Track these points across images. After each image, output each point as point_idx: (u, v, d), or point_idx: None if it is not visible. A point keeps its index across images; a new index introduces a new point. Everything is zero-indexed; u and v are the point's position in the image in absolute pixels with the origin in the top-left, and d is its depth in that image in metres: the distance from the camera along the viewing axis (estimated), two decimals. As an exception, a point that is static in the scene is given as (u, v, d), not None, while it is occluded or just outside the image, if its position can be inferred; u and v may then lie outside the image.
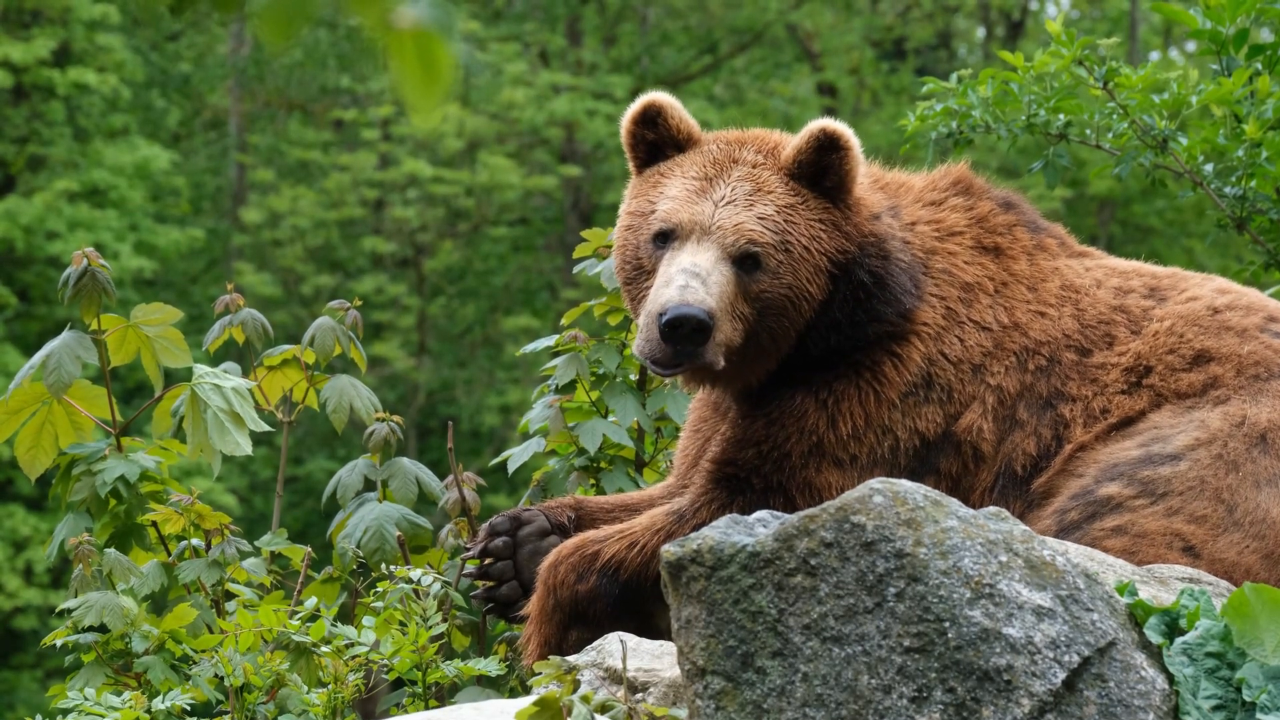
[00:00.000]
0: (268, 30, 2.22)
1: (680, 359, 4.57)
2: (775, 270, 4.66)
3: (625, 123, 4.92)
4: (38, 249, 22.25)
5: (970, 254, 4.85)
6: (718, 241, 4.65)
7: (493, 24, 27.59)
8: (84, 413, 5.45)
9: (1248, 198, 6.43)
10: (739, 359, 4.69)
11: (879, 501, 3.38)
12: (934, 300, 4.78)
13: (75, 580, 5.27)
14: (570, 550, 4.73)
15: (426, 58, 2.20)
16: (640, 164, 4.93)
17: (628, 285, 4.85)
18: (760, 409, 4.76)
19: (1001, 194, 4.97)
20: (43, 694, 19.90)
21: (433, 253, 26.65)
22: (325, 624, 4.84)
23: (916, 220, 4.88)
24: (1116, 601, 3.44)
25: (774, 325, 4.68)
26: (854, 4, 28.40)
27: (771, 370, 4.77)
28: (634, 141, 4.92)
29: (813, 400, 4.71)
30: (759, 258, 4.66)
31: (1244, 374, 4.57)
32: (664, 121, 4.88)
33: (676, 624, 3.41)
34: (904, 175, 5.04)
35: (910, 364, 4.72)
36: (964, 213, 4.91)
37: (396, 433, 5.74)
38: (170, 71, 26.48)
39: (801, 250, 4.69)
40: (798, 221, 4.70)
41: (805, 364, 4.76)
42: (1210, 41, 6.35)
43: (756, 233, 4.67)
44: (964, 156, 6.30)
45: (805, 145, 4.76)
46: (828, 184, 4.75)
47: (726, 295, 4.60)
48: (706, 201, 4.72)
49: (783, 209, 4.71)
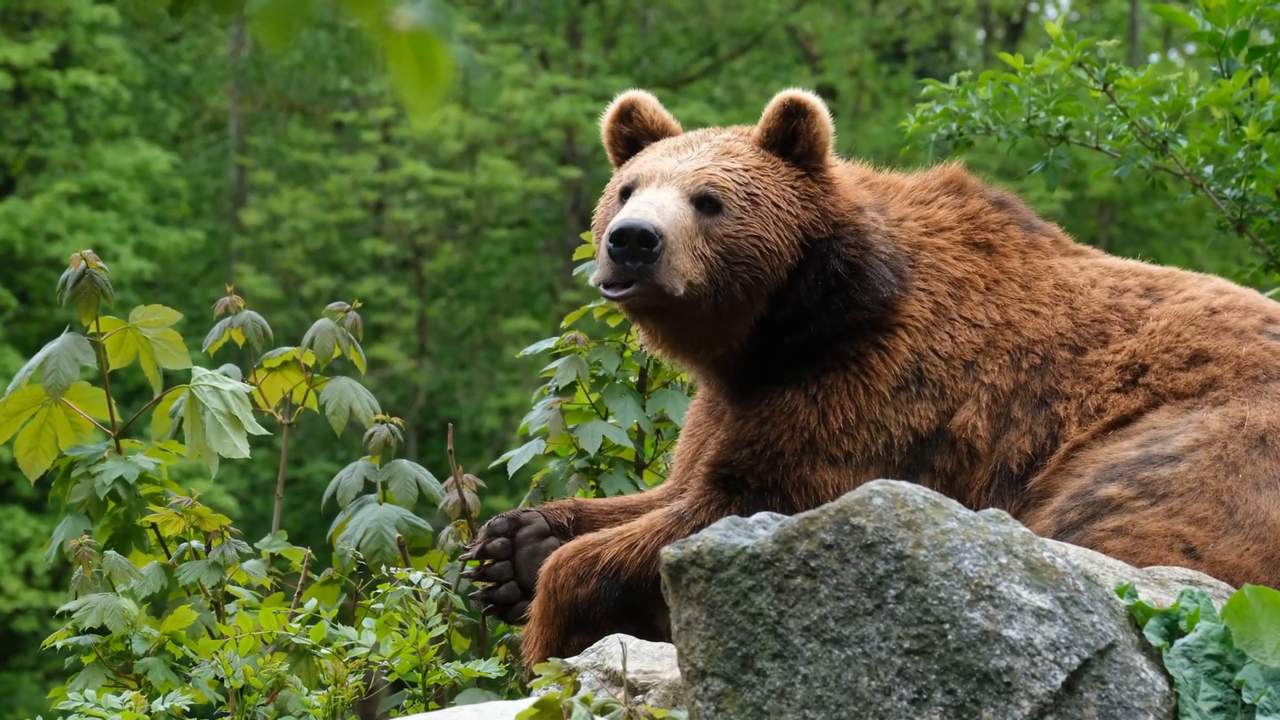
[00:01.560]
0: (266, 31, 2.22)
1: (628, 276, 4.54)
2: (739, 216, 4.67)
3: (604, 122, 5.03)
4: (37, 251, 22.26)
5: (960, 250, 4.85)
6: (677, 183, 4.70)
7: (493, 26, 27.60)
8: (83, 415, 5.45)
9: (1247, 200, 6.43)
10: (711, 307, 4.65)
11: (879, 503, 3.38)
12: (921, 294, 4.77)
13: (75, 582, 5.27)
14: (570, 553, 4.73)
15: (424, 59, 2.20)
16: (620, 160, 5.01)
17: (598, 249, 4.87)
18: (752, 409, 4.76)
19: (995, 193, 4.98)
20: (43, 696, 19.90)
21: (433, 255, 26.65)
22: (325, 626, 4.84)
23: (904, 216, 4.89)
24: (1116, 603, 3.44)
25: (744, 276, 4.65)
26: (854, 6, 28.40)
27: (747, 336, 4.74)
28: (612, 139, 5.01)
29: (802, 396, 4.71)
30: (719, 200, 4.67)
31: (1243, 375, 4.56)
32: (637, 114, 4.98)
33: (676, 626, 3.41)
34: (896, 176, 5.05)
35: (897, 356, 4.71)
36: (954, 210, 4.92)
37: (396, 435, 5.74)
38: (170, 73, 26.49)
39: (770, 205, 4.70)
40: (765, 181, 4.73)
41: (790, 356, 4.75)
42: (1210, 43, 6.35)
43: (718, 177, 4.70)
44: (964, 158, 6.31)
45: (772, 113, 4.83)
46: (797, 151, 4.79)
47: (680, 225, 4.59)
48: (670, 161, 4.79)
49: (750, 168, 4.75)
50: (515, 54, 26.59)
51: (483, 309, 26.73)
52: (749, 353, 4.77)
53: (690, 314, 4.66)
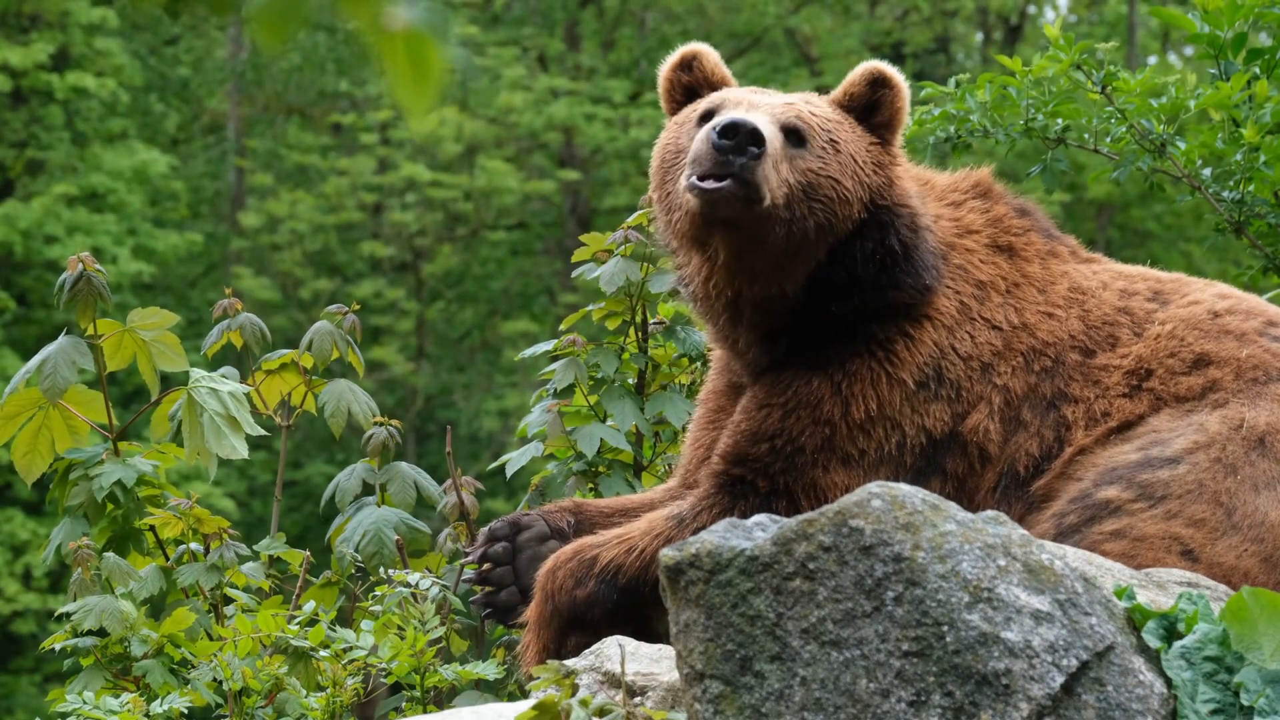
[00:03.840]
0: (263, 32, 2.22)
1: (731, 169, 4.51)
2: (820, 155, 4.69)
3: (664, 70, 5.01)
4: (36, 253, 22.26)
5: (985, 252, 4.88)
6: (766, 111, 4.70)
7: (491, 28, 27.61)
8: (80, 417, 5.45)
9: (1246, 202, 6.43)
10: (784, 235, 4.62)
11: (877, 505, 3.38)
12: (949, 292, 4.79)
13: (74, 584, 5.27)
14: (568, 556, 4.72)
15: (418, 60, 2.21)
16: (675, 109, 4.99)
17: (663, 178, 4.83)
18: (777, 396, 4.73)
19: (1018, 201, 5.01)
20: (41, 698, 19.90)
21: (431, 257, 26.65)
22: (323, 628, 4.84)
23: (939, 216, 4.92)
24: (1115, 605, 3.44)
25: (820, 213, 4.65)
26: (852, 8, 28.43)
27: (801, 283, 4.71)
28: (670, 86, 5.00)
29: (828, 385, 4.69)
30: (805, 134, 4.69)
31: (1243, 378, 4.57)
32: (699, 64, 4.99)
33: (675, 628, 3.40)
34: (929, 172, 5.08)
35: (922, 347, 4.71)
36: (981, 214, 4.95)
37: (395, 437, 5.74)
38: (169, 76, 26.49)
39: (849, 156, 4.73)
40: (845, 135, 4.76)
41: (825, 332, 4.73)
42: (1208, 46, 6.35)
43: (805, 114, 4.73)
44: (963, 161, 6.31)
45: (858, 79, 4.87)
46: (877, 120, 4.83)
47: (775, 144, 4.60)
48: (755, 95, 4.81)
49: (832, 119, 4.78)
50: (514, 56, 26.61)
51: (481, 311, 26.73)
52: (794, 307, 4.75)
53: (764, 235, 4.62)
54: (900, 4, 29.23)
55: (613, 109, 26.37)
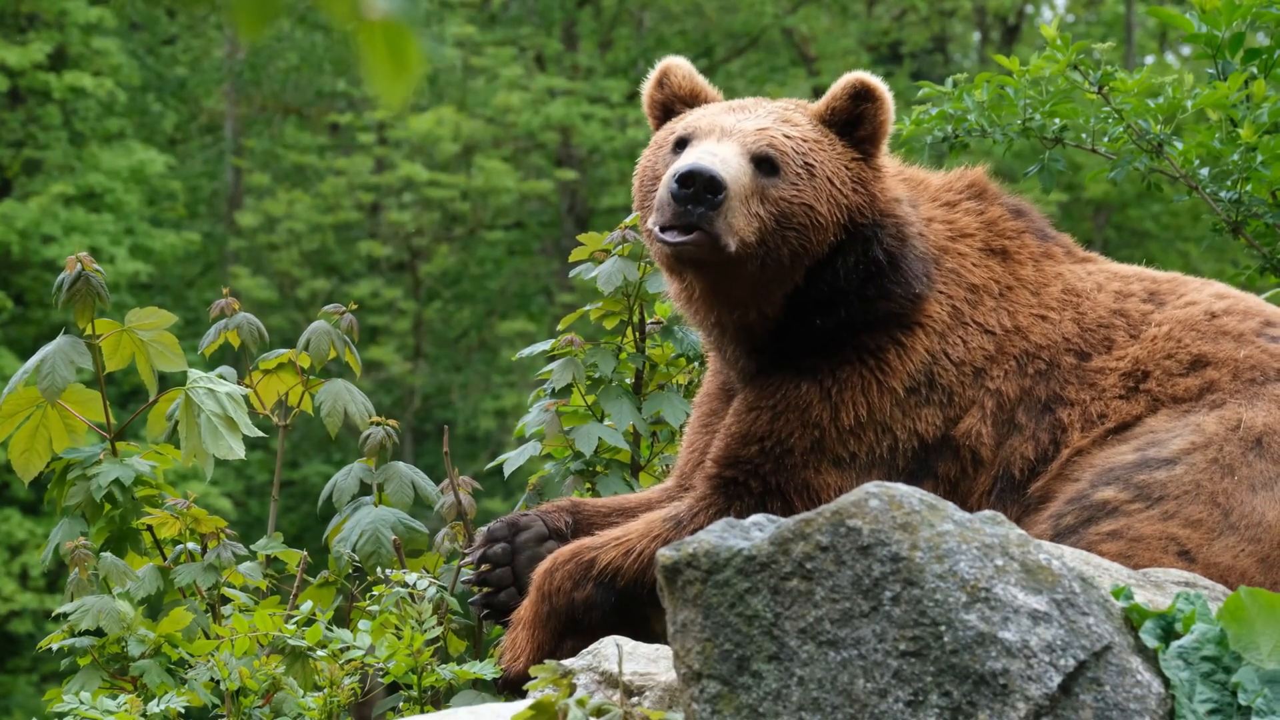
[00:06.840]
0: (241, 20, 2.24)
1: (691, 219, 4.51)
2: (794, 182, 4.65)
3: (644, 87, 5.04)
4: (33, 253, 22.24)
5: (979, 256, 4.86)
6: (738, 140, 4.68)
7: (489, 28, 27.60)
8: (78, 417, 5.45)
9: (1243, 202, 6.43)
10: (757, 268, 4.63)
11: (875, 505, 3.38)
12: (941, 298, 4.78)
13: (71, 584, 5.27)
14: (566, 557, 4.72)
15: (395, 49, 2.24)
16: (658, 125, 5.01)
17: (643, 200, 4.85)
18: (766, 399, 4.74)
19: (1013, 201, 4.99)
20: (39, 698, 19.88)
21: (428, 257, 26.64)
22: (321, 628, 4.84)
23: (932, 218, 4.89)
24: (1112, 605, 3.44)
25: (793, 242, 4.64)
26: (850, 8, 28.42)
27: (780, 305, 4.72)
28: (650, 104, 5.02)
29: (817, 390, 4.69)
30: (777, 162, 4.65)
31: (1240, 378, 4.56)
32: (668, 81, 4.99)
33: (672, 628, 3.40)
34: (922, 172, 5.06)
35: (914, 355, 4.71)
36: (975, 216, 4.92)
37: (392, 437, 5.74)
38: (166, 75, 26.47)
39: (825, 180, 4.69)
40: (822, 156, 4.72)
41: (813, 342, 4.73)
42: (1206, 45, 6.35)
43: (778, 140, 4.69)
44: (960, 160, 6.31)
45: (840, 93, 4.81)
46: (859, 134, 4.79)
47: (741, 181, 4.58)
48: (730, 117, 4.78)
49: (809, 139, 4.74)
50: (511, 56, 26.60)
51: (478, 311, 26.73)
52: (776, 326, 4.75)
53: (735, 272, 4.63)
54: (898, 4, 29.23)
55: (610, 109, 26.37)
